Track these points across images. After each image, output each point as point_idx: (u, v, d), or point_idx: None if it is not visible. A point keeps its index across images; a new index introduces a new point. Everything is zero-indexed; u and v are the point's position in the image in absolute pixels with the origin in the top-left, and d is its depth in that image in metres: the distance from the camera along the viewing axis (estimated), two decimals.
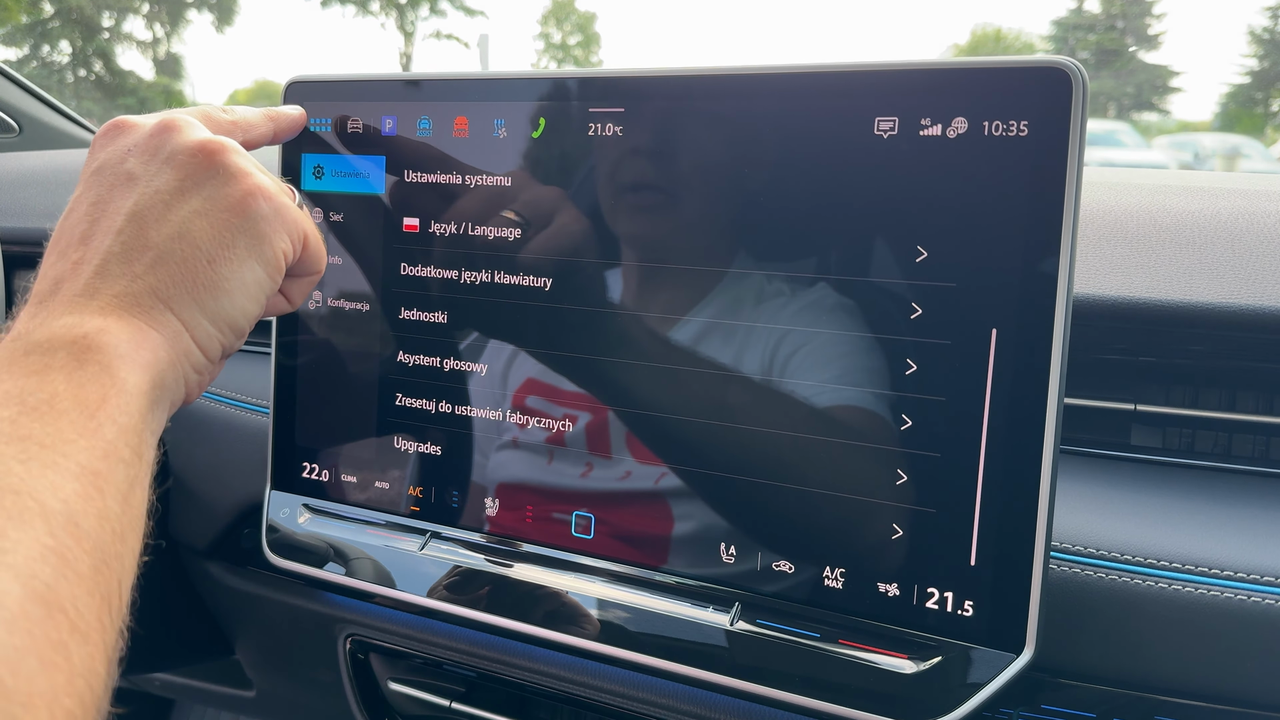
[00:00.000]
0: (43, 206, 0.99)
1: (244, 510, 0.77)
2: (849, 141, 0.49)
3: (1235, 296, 0.57)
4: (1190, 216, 0.62)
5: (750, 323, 0.52)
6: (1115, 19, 26.68)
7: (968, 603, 0.48)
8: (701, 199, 0.53)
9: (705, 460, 0.54)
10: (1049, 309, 0.45)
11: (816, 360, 0.51)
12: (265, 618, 0.84)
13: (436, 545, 0.62)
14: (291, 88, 0.64)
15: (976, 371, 0.47)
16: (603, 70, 0.56)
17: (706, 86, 0.52)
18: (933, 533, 0.48)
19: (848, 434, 0.50)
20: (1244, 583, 0.49)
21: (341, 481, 0.66)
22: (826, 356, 0.50)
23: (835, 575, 0.51)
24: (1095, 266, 0.60)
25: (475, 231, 0.59)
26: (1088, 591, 0.52)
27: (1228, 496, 0.57)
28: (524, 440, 0.59)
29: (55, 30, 18.85)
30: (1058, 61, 0.44)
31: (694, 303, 0.54)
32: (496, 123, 0.58)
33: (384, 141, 0.62)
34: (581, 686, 0.64)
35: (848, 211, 0.49)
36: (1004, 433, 0.46)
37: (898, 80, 0.48)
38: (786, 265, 0.51)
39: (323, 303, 0.65)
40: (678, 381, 0.54)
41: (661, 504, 0.55)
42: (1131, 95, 25.81)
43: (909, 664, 0.49)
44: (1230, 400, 0.60)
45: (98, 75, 19.31)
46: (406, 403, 0.63)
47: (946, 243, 0.47)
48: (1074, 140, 0.44)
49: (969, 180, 0.46)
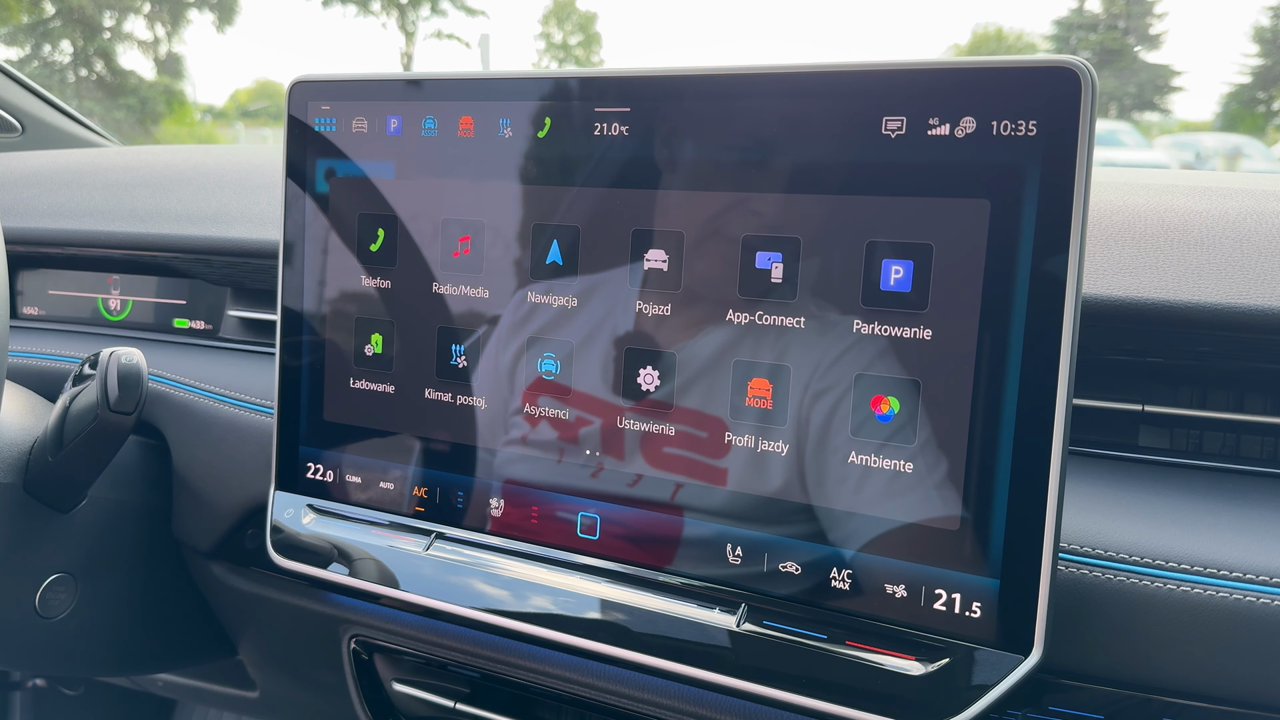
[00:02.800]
0: (45, 206, 0.99)
1: (248, 511, 0.77)
2: (856, 141, 0.49)
3: (1244, 297, 0.56)
4: (1198, 216, 0.62)
5: (763, 329, 0.52)
6: (1117, 18, 26.65)
7: (975, 604, 0.48)
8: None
9: (718, 470, 0.53)
10: (1057, 309, 0.45)
11: (830, 369, 0.50)
12: (269, 618, 0.83)
13: (441, 545, 0.62)
14: (296, 87, 0.64)
15: (984, 373, 0.47)
16: (609, 70, 0.55)
17: (712, 86, 0.52)
18: (941, 533, 0.48)
19: (862, 445, 0.50)
20: (1252, 584, 0.49)
21: (346, 482, 0.66)
22: (837, 362, 0.50)
23: (842, 576, 0.51)
24: (1103, 267, 0.60)
25: (482, 231, 0.59)
26: (1095, 593, 0.51)
27: (1236, 497, 0.56)
28: (533, 439, 0.59)
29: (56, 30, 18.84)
30: (1067, 61, 0.44)
31: (710, 310, 0.53)
32: (502, 122, 0.58)
33: (389, 141, 0.62)
34: (586, 687, 0.64)
35: (853, 210, 0.49)
36: (1012, 434, 0.46)
37: (905, 80, 0.48)
38: (793, 264, 0.51)
39: (327, 303, 0.65)
40: (694, 389, 0.54)
41: (670, 507, 0.55)
42: (1133, 95, 25.79)
43: (916, 665, 0.49)
44: (1238, 401, 0.60)
45: (99, 75, 19.30)
46: (411, 402, 0.62)
47: (954, 243, 0.47)
48: (1083, 140, 0.44)
49: (977, 180, 0.46)
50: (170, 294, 0.95)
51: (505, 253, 0.59)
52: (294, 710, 0.98)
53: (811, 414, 0.51)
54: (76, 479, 0.74)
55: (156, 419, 0.82)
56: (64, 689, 1.18)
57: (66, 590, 0.78)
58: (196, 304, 0.94)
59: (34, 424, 0.75)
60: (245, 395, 0.79)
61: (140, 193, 0.96)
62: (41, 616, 0.77)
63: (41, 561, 0.76)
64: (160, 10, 21.25)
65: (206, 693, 1.03)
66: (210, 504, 0.79)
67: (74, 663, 0.86)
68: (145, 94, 19.12)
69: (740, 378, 0.53)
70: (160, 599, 0.88)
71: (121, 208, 0.95)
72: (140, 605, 0.86)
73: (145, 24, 21.67)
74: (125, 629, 0.85)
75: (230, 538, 0.79)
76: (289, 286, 0.66)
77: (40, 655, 0.82)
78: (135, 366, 0.69)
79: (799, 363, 0.51)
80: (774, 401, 0.52)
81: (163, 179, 0.98)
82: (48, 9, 18.86)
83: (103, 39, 19.54)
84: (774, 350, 0.52)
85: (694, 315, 0.54)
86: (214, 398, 0.80)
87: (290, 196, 0.65)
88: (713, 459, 0.54)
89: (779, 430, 0.52)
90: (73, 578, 0.78)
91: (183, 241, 0.89)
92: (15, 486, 0.72)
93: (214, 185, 0.95)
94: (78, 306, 1.00)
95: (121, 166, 1.04)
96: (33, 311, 1.02)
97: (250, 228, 0.87)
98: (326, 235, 0.64)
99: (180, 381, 0.82)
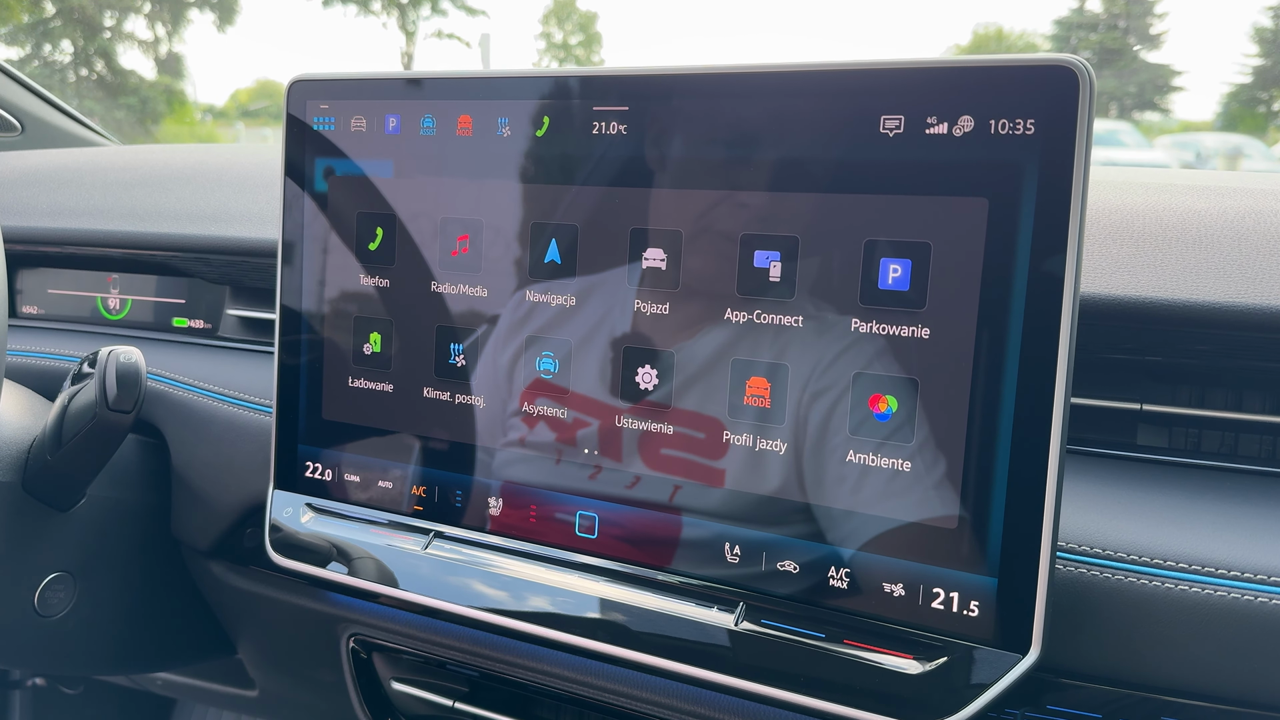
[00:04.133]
0: (45, 205, 0.99)
1: (247, 510, 0.77)
2: (855, 140, 0.49)
3: (1242, 296, 0.56)
4: (1196, 215, 0.62)
5: (761, 328, 0.52)
6: (1117, 18, 26.64)
7: (973, 602, 0.48)
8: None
9: (716, 469, 0.53)
10: (1055, 308, 0.45)
11: (828, 368, 0.50)
12: (268, 617, 0.83)
13: (439, 545, 0.62)
14: (295, 86, 0.64)
15: (982, 372, 0.47)
16: (607, 69, 0.55)
17: (710, 85, 0.52)
18: (939, 532, 0.48)
19: (860, 444, 0.50)
20: (1250, 583, 0.49)
21: (344, 481, 0.66)
22: (835, 361, 0.50)
23: (840, 575, 0.51)
24: (1101, 266, 0.60)
25: (480, 230, 0.59)
26: (1093, 591, 0.51)
27: (1234, 496, 0.56)
28: (531, 438, 0.59)
29: (57, 29, 18.84)
30: (1065, 60, 0.44)
31: (708, 308, 0.53)
32: (500, 121, 0.58)
33: (388, 140, 0.62)
34: (585, 686, 0.64)
35: (851, 209, 0.49)
36: (1010, 433, 0.46)
37: (904, 79, 0.48)
38: (791, 263, 0.51)
39: (326, 302, 0.65)
40: (692, 388, 0.54)
41: (669, 506, 0.55)
42: (1133, 95, 25.78)
43: (914, 664, 0.49)
44: (1237, 400, 0.60)
45: (99, 74, 19.29)
46: (410, 401, 0.62)
47: (952, 242, 0.47)
48: (1081, 138, 0.44)
49: (975, 179, 0.46)
50: (169, 293, 0.95)
51: (504, 252, 0.59)
52: (293, 709, 0.98)
53: (810, 413, 0.51)
54: (75, 478, 0.74)
55: (155, 418, 0.82)
56: (64, 688, 1.18)
57: (65, 589, 0.78)
58: (195, 303, 0.94)
59: (33, 423, 0.75)
60: (244, 394, 0.79)
61: (139, 192, 0.96)
62: (40, 615, 0.77)
63: (40, 560, 0.76)
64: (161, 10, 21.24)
65: (206, 691, 1.03)
66: (209, 503, 0.79)
67: (73, 662, 0.86)
68: (146, 94, 19.12)
69: (738, 376, 0.53)
70: (159, 598, 0.88)
71: (120, 207, 0.95)
72: (139, 604, 0.86)
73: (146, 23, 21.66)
74: (124, 628, 0.85)
75: (229, 536, 0.79)
76: (288, 285, 0.66)
77: (39, 654, 0.82)
78: (134, 365, 0.69)
79: (797, 362, 0.51)
80: (772, 400, 0.52)
81: (162, 178, 0.98)
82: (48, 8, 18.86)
83: (103, 39, 19.53)
84: (772, 349, 0.52)
85: (692, 314, 0.54)
86: (213, 396, 0.80)
87: (289, 195, 0.65)
88: (711, 458, 0.54)
89: (777, 429, 0.52)
90: (72, 576, 0.78)
91: (182, 240, 0.89)
92: (14, 485, 0.72)
93: (213, 184, 0.95)
94: (77, 305, 1.00)
95: (120, 165, 1.04)
96: (32, 310, 1.02)
97: (249, 226, 0.87)
98: (325, 234, 0.64)
99: (179, 380, 0.82)
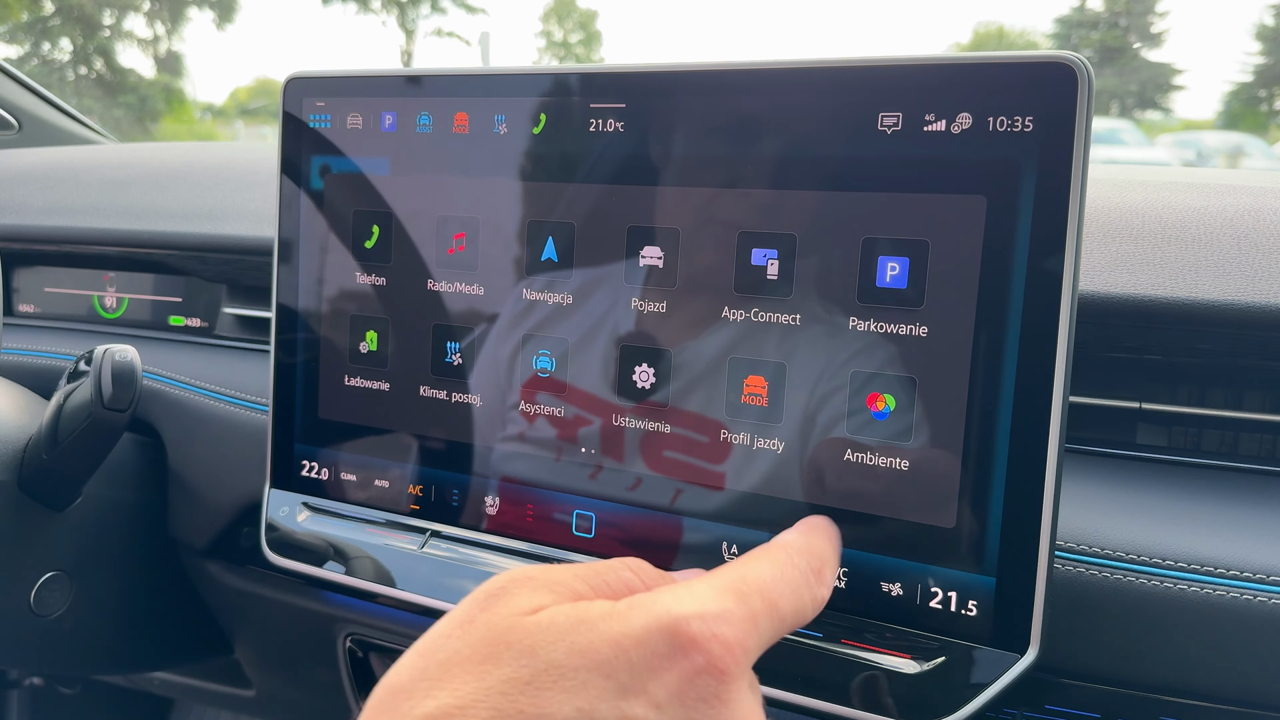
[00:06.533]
0: (42, 203, 0.99)
1: (243, 509, 0.77)
2: (852, 137, 0.48)
3: (1242, 294, 0.56)
4: (1196, 213, 0.62)
5: (759, 326, 0.52)
6: (1118, 16, 26.63)
7: (971, 602, 0.47)
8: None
9: (713, 467, 0.53)
10: (1054, 306, 0.45)
11: (826, 365, 0.50)
12: (265, 617, 0.83)
13: (436, 544, 0.62)
14: (291, 84, 0.64)
15: (980, 370, 0.46)
16: (604, 66, 0.55)
17: (708, 82, 0.52)
18: (937, 531, 0.48)
19: (858, 443, 0.50)
20: (1250, 582, 0.49)
21: (341, 480, 0.65)
22: (833, 359, 0.50)
23: (838, 575, 0.50)
24: (1100, 264, 0.60)
25: (477, 228, 0.59)
26: (1092, 591, 0.51)
27: (1234, 495, 0.56)
28: (528, 437, 0.59)
29: (56, 28, 18.84)
30: (1063, 56, 0.44)
31: (706, 306, 0.53)
32: (497, 119, 0.58)
33: (384, 137, 0.61)
34: None
35: (848, 206, 0.49)
36: (1009, 432, 0.46)
37: (902, 76, 0.47)
38: (788, 260, 0.51)
39: (322, 300, 0.64)
40: (690, 386, 0.54)
41: (666, 505, 0.55)
42: (1134, 93, 25.78)
43: (912, 664, 0.48)
44: (1236, 399, 0.60)
45: (98, 73, 19.30)
46: (407, 399, 0.62)
47: (951, 239, 0.47)
48: (1080, 135, 0.44)
49: (973, 176, 0.46)
50: (166, 291, 0.95)
51: (501, 250, 0.59)
52: (291, 709, 0.98)
53: (807, 411, 0.51)
54: (71, 476, 0.74)
55: (151, 416, 0.82)
56: (61, 688, 1.18)
57: (61, 588, 0.78)
58: (192, 301, 0.94)
59: (28, 421, 0.75)
60: (240, 393, 0.79)
61: (135, 190, 0.96)
62: (36, 615, 0.76)
63: (36, 559, 0.76)
64: (160, 8, 21.23)
65: (203, 691, 1.03)
66: (205, 502, 0.79)
67: (70, 661, 0.85)
68: (145, 92, 19.12)
69: (736, 375, 0.53)
70: (156, 597, 0.88)
71: (117, 205, 0.95)
72: (136, 603, 0.86)
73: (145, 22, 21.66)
74: (121, 627, 0.85)
75: (225, 536, 0.79)
76: (284, 283, 0.66)
77: (36, 654, 0.82)
78: (129, 364, 0.68)
79: (795, 360, 0.51)
80: (770, 399, 0.52)
81: (158, 176, 0.98)
82: (47, 7, 18.85)
83: (102, 37, 19.53)
84: (770, 347, 0.52)
85: (690, 312, 0.54)
86: (209, 395, 0.80)
87: (285, 193, 0.65)
88: (708, 456, 0.53)
89: (775, 428, 0.52)
90: (68, 576, 0.78)
91: (178, 239, 0.89)
92: (9, 484, 0.71)
93: (209, 182, 0.94)
94: (73, 304, 0.99)
95: (117, 164, 1.03)
96: (28, 309, 1.01)
97: (246, 224, 0.87)
98: (321, 232, 0.64)
99: (175, 379, 0.82)
